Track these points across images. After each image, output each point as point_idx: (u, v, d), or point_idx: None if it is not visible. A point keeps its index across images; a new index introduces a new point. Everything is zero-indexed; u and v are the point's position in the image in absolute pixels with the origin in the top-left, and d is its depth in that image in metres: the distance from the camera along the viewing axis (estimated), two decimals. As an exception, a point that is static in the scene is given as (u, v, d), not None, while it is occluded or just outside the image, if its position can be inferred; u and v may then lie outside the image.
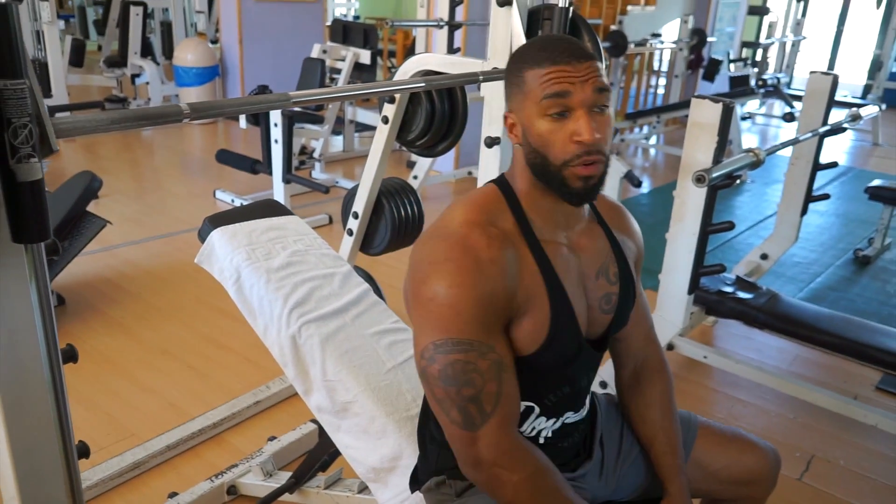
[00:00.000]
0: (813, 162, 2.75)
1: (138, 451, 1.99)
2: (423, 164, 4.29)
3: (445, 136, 2.10)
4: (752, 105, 8.42)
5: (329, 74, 5.31)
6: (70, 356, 1.09)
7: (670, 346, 2.41)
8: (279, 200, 3.21)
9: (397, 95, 2.02)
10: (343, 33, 5.43)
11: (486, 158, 1.86)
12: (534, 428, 1.12)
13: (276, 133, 3.71)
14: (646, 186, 5.30)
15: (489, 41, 1.81)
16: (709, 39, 7.24)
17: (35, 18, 5.41)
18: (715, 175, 1.82)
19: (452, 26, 4.42)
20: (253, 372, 2.46)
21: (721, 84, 7.56)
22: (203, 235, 1.64)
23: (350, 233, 2.29)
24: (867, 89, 8.80)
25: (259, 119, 3.97)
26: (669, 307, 2.30)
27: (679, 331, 2.34)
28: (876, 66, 8.34)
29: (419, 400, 1.35)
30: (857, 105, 2.69)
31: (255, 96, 1.17)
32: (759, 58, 8.44)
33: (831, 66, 10.07)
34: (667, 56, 7.37)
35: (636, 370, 1.26)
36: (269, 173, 3.87)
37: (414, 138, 2.12)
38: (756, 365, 2.47)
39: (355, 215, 2.27)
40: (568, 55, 0.99)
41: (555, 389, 1.11)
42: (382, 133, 2.11)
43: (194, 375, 2.47)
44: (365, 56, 5.19)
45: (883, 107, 3.20)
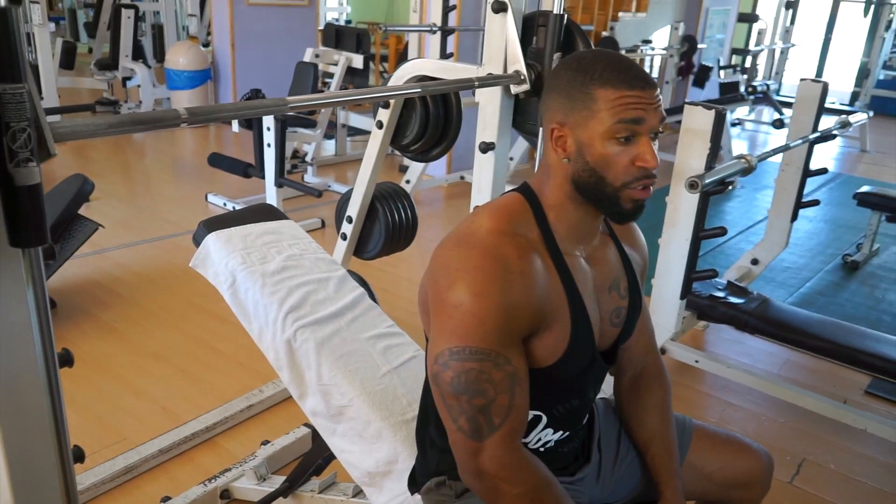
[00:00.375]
0: (803, 168, 2.77)
1: (131, 455, 1.98)
2: (415, 168, 4.30)
3: (440, 141, 2.11)
4: (742, 111, 8.48)
5: (321, 79, 5.31)
6: (66, 360, 1.09)
7: (663, 351, 2.42)
8: (272, 204, 3.21)
9: (392, 101, 2.03)
10: (335, 37, 5.44)
11: (480, 164, 1.87)
12: (539, 439, 1.13)
13: (269, 137, 3.70)
14: (637, 191, 5.32)
15: (484, 47, 1.82)
16: (699, 46, 7.29)
17: (26, 21, 5.39)
18: (708, 181, 1.84)
19: (445, 31, 4.43)
20: (245, 375, 2.45)
21: (711, 90, 7.62)
22: (198, 239, 1.64)
23: (344, 237, 2.30)
24: (855, 96, 8.89)
25: (252, 123, 3.96)
26: (662, 312, 2.32)
27: (671, 335, 2.36)
28: (863, 74, 8.43)
29: (415, 404, 1.35)
30: (846, 112, 2.72)
31: (253, 101, 1.18)
32: (748, 64, 8.52)
33: (819, 74, 10.17)
34: (657, 62, 7.42)
35: (635, 377, 1.27)
36: (262, 177, 3.86)
37: (408, 143, 2.12)
38: (747, 369, 2.48)
39: (349, 219, 2.28)
40: (642, 82, 0.98)
41: (564, 401, 1.11)
42: (377, 138, 2.12)
43: (186, 379, 2.46)
44: (357, 60, 5.21)
45: (870, 114, 3.24)
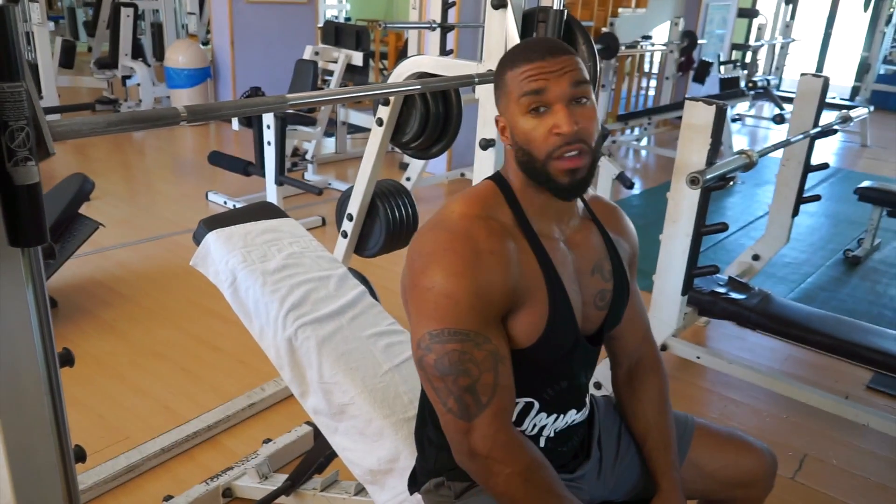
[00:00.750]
0: (804, 163, 2.76)
1: (132, 454, 1.98)
2: (416, 165, 4.29)
3: (440, 138, 2.11)
4: (742, 107, 8.47)
5: (321, 76, 5.30)
6: (66, 360, 1.08)
7: (664, 347, 2.42)
8: (272, 202, 3.20)
9: (392, 98, 2.02)
10: (335, 35, 5.43)
11: (480, 160, 1.86)
12: (535, 425, 1.13)
13: (269, 135, 3.70)
14: (637, 188, 5.32)
15: (483, 43, 1.82)
16: (699, 42, 7.27)
17: (25, 20, 5.38)
18: (709, 177, 1.83)
19: (445, 28, 4.42)
20: (247, 374, 2.45)
21: (711, 86, 7.60)
22: (198, 238, 1.64)
23: (345, 235, 2.29)
24: (855, 91, 8.86)
25: (251, 121, 3.96)
26: (663, 308, 2.31)
27: (672, 331, 2.35)
28: (864, 68, 8.40)
29: (416, 402, 1.35)
30: (847, 107, 2.71)
31: (252, 99, 1.18)
32: (748, 60, 8.49)
33: (820, 68, 10.15)
34: (657, 58, 7.40)
35: (631, 369, 1.27)
36: (262, 175, 3.86)
37: (408, 140, 2.12)
38: (748, 365, 2.48)
39: (350, 217, 2.27)
40: (542, 52, 1.01)
41: (552, 384, 1.11)
42: (377, 135, 2.11)
43: (188, 377, 2.46)
44: (357, 58, 5.19)
45: (871, 108, 3.23)
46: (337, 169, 5.35)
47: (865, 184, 3.89)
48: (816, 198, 2.91)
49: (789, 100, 7.67)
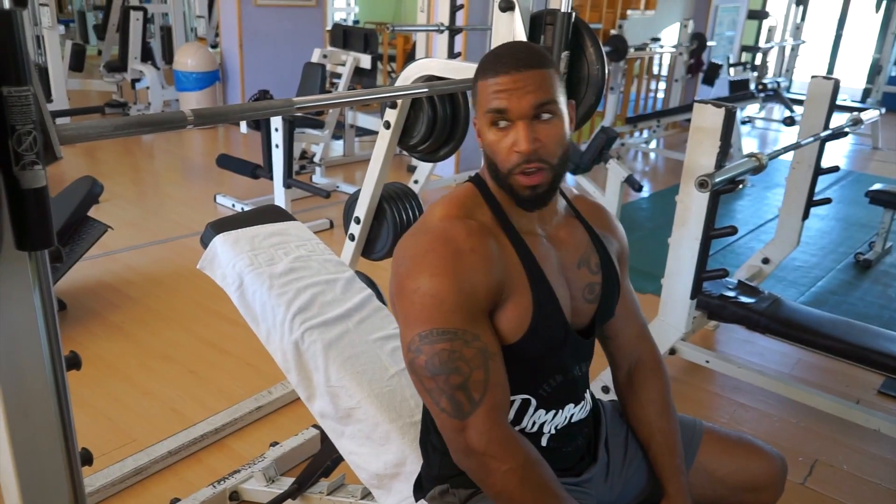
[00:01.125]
0: (814, 166, 2.75)
1: (140, 456, 1.98)
2: (423, 168, 4.29)
3: (447, 140, 2.10)
4: (752, 109, 8.43)
5: (329, 79, 5.31)
6: (73, 363, 1.09)
7: (673, 351, 2.40)
8: (280, 205, 3.21)
9: (400, 101, 2.02)
10: (343, 38, 5.44)
11: (488, 163, 1.86)
12: (534, 422, 1.13)
13: (277, 138, 3.71)
14: (646, 191, 5.30)
15: (491, 46, 1.81)
16: (708, 44, 7.25)
17: (35, 23, 5.41)
18: (718, 180, 1.82)
19: (453, 31, 4.42)
20: (254, 377, 2.45)
21: (721, 88, 7.57)
22: (205, 241, 1.64)
23: (352, 238, 2.29)
24: (866, 93, 8.81)
25: (260, 124, 3.97)
26: (672, 312, 2.30)
27: (681, 335, 2.34)
28: (875, 70, 8.36)
29: (423, 406, 1.34)
30: (858, 109, 2.69)
31: (259, 102, 1.17)
32: (758, 62, 8.46)
33: (830, 70, 10.09)
34: (666, 60, 7.38)
35: (630, 370, 1.27)
36: (270, 178, 3.87)
37: (416, 143, 2.12)
38: (758, 369, 2.46)
39: (357, 220, 2.27)
40: (509, 65, 1.01)
41: (547, 379, 1.12)
42: (384, 138, 2.11)
43: (195, 380, 2.46)
44: (365, 61, 5.20)
45: (882, 110, 3.20)
46: (345, 172, 5.36)
47: (877, 186, 3.86)
48: (827, 201, 2.89)
49: (799, 102, 7.63)
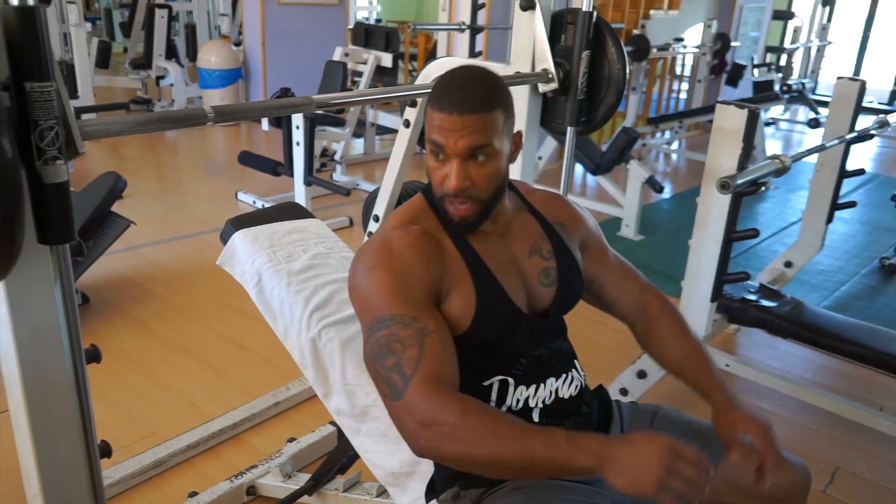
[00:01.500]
0: (839, 169, 2.70)
1: (159, 449, 2.00)
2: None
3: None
4: (776, 111, 8.33)
5: (351, 77, 5.33)
6: (93, 356, 1.10)
7: (692, 354, 2.38)
8: (300, 202, 3.22)
9: (419, 99, 2.02)
10: (365, 36, 5.46)
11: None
12: (518, 399, 1.14)
13: (298, 135, 3.73)
14: (667, 192, 5.26)
15: (512, 45, 1.81)
16: (733, 44, 7.17)
17: (63, 21, 5.49)
18: (740, 182, 1.80)
19: (474, 30, 4.41)
20: (272, 373, 2.47)
21: (745, 89, 7.48)
22: (225, 237, 1.65)
23: (371, 235, 2.30)
24: (894, 95, 8.66)
25: (281, 121, 3.99)
26: (692, 314, 2.27)
27: (701, 339, 2.31)
28: (904, 72, 8.21)
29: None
30: (885, 111, 2.65)
31: (279, 100, 1.18)
32: (783, 63, 8.34)
33: (857, 72, 9.93)
34: (689, 60, 7.31)
35: (645, 322, 1.33)
36: (291, 175, 3.89)
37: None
38: (779, 374, 2.43)
39: (376, 218, 2.28)
40: (454, 107, 1.04)
41: (513, 362, 1.15)
42: (404, 137, 2.11)
43: (214, 375, 2.48)
44: (387, 59, 5.21)
45: (911, 113, 3.15)
46: (365, 170, 5.38)
47: (903, 190, 3.80)
48: (852, 204, 2.85)
49: (825, 104, 7.51)
